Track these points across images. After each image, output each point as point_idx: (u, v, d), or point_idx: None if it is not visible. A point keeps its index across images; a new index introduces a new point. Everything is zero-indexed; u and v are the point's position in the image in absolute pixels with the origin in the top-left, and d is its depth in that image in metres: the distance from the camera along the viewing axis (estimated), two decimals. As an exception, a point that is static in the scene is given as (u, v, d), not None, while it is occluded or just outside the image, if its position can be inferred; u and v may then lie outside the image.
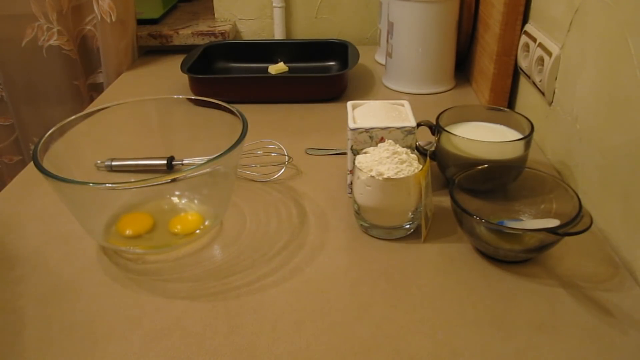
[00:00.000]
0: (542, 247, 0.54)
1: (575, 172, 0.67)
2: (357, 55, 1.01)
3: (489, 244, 0.55)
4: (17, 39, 1.14)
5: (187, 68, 0.97)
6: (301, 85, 0.96)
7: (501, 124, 0.69)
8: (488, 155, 0.62)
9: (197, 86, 0.96)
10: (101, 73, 1.21)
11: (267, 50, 1.11)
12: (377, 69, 1.10)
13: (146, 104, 0.69)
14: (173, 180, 0.52)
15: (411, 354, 0.46)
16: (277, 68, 1.07)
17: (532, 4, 0.81)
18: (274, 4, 1.23)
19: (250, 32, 1.30)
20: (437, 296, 0.52)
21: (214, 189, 0.62)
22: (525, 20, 0.82)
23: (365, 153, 0.60)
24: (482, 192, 0.60)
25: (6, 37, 1.14)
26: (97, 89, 1.24)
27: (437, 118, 0.67)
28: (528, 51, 0.79)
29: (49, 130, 0.59)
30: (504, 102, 0.89)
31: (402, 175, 0.56)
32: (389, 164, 0.57)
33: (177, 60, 1.02)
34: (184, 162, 0.72)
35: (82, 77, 1.22)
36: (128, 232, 0.60)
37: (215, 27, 1.24)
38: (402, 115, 0.65)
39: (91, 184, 0.53)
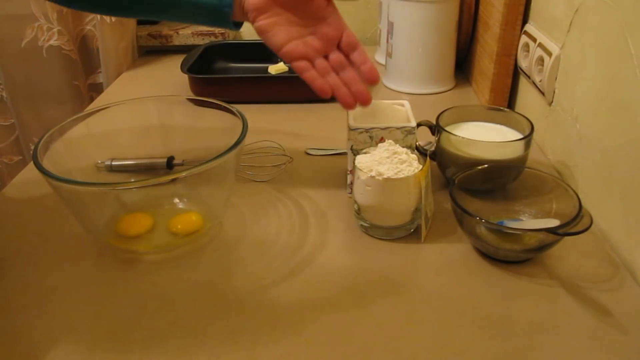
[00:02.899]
0: (542, 247, 0.54)
1: (575, 172, 0.67)
2: (357, 55, 1.00)
3: (489, 244, 0.55)
4: (17, 39, 1.13)
5: (187, 68, 0.97)
6: (301, 85, 0.95)
7: (501, 124, 0.69)
8: (488, 155, 0.62)
9: (197, 86, 0.96)
10: (101, 73, 1.21)
11: (267, 50, 1.09)
12: (377, 69, 1.10)
13: (146, 104, 0.69)
14: (173, 180, 0.52)
15: (411, 354, 0.46)
16: (277, 68, 1.07)
17: (532, 4, 0.81)
18: (274, 4, 1.23)
19: (250, 32, 1.29)
20: (437, 296, 0.52)
21: (214, 189, 0.62)
22: (525, 20, 0.82)
23: (365, 153, 0.60)
24: (482, 192, 0.60)
25: (6, 37, 1.13)
26: (97, 89, 1.24)
27: (437, 118, 0.67)
28: (528, 51, 0.79)
29: (49, 130, 0.59)
30: (504, 102, 0.89)
31: (402, 175, 0.56)
32: (389, 164, 0.57)
33: (177, 60, 1.02)
34: (184, 162, 0.72)
35: (82, 77, 1.22)
36: (128, 232, 0.60)
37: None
38: (402, 115, 0.65)
39: (91, 184, 0.53)
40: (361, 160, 0.59)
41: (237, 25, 0.58)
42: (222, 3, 0.55)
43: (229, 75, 1.07)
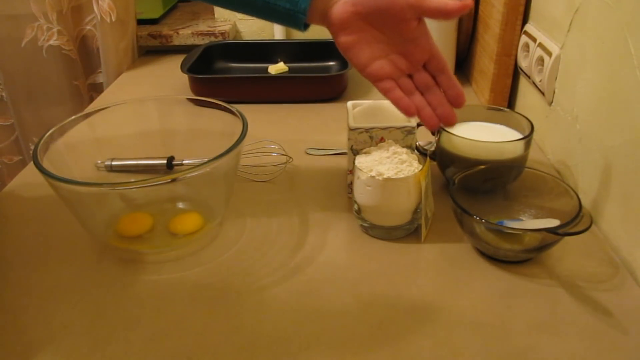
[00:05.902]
0: (542, 247, 0.54)
1: (575, 172, 0.67)
2: (357, 55, 1.00)
3: (489, 244, 0.55)
4: (17, 39, 1.14)
5: (187, 68, 0.97)
6: (301, 85, 0.96)
7: (501, 124, 0.69)
8: (488, 155, 0.62)
9: (197, 86, 0.97)
10: (101, 73, 1.21)
11: (267, 50, 1.11)
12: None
13: (146, 104, 0.69)
14: (173, 180, 0.52)
15: (411, 354, 0.46)
16: (277, 68, 1.07)
17: (532, 4, 0.81)
18: (274, 4, 1.23)
19: (250, 32, 1.30)
20: (437, 296, 0.52)
21: (214, 189, 0.62)
22: (525, 20, 0.82)
23: (365, 153, 0.60)
24: (482, 192, 0.60)
25: (6, 37, 1.14)
26: (97, 89, 1.24)
27: (437, 118, 0.67)
28: (528, 51, 0.79)
29: (49, 130, 0.59)
30: (504, 102, 0.89)
31: (402, 175, 0.56)
32: (389, 164, 0.57)
33: (177, 60, 1.02)
34: (184, 162, 0.72)
35: (82, 77, 1.22)
36: (128, 232, 0.60)
37: (215, 27, 1.24)
38: (402, 115, 0.64)
39: (91, 184, 0.53)
40: (361, 160, 0.59)
41: (307, 27, 0.57)
42: (296, 9, 0.53)
43: (229, 75, 1.07)
